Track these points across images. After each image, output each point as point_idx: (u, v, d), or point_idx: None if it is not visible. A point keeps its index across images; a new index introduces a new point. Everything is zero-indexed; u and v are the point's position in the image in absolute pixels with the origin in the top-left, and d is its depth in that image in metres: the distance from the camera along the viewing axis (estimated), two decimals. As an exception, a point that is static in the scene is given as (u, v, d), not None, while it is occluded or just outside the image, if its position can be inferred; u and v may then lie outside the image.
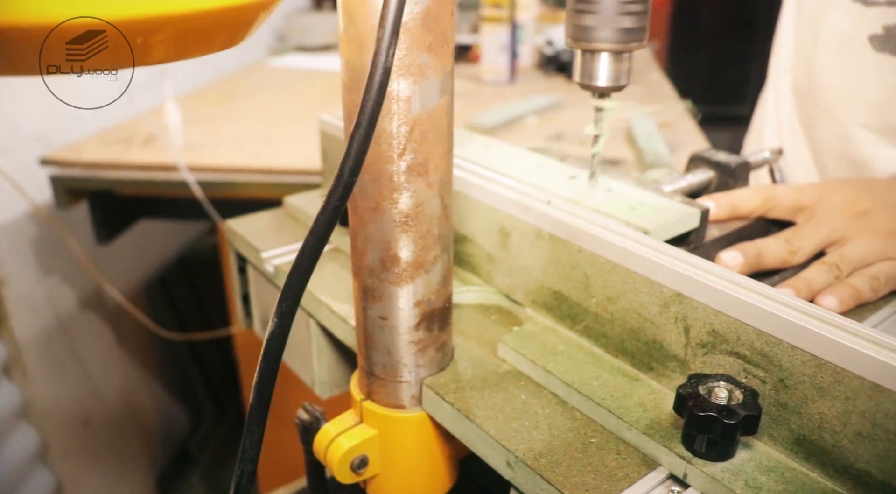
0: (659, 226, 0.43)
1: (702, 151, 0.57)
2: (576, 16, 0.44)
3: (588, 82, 0.46)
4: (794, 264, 0.50)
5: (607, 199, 0.48)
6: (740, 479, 0.32)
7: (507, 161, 0.53)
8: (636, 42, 0.45)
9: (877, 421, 0.30)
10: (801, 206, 0.52)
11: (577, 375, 0.39)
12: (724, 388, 0.34)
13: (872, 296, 0.48)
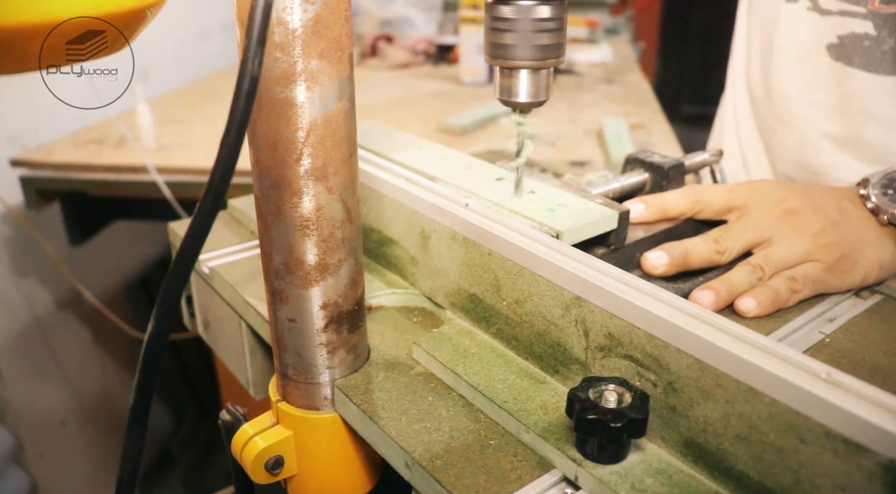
0: (572, 227, 0.44)
1: (637, 153, 0.58)
2: (494, 34, 0.44)
3: (508, 99, 0.46)
4: (721, 263, 0.50)
5: (527, 200, 0.48)
6: (627, 481, 0.33)
7: (438, 164, 0.54)
8: (553, 58, 0.45)
9: (752, 424, 0.30)
10: (731, 206, 0.52)
11: (484, 377, 0.40)
12: (615, 391, 0.34)
13: (792, 297, 0.48)
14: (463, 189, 0.49)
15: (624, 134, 1.06)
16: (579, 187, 0.51)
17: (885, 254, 0.50)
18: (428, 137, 1.13)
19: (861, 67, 0.64)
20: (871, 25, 0.62)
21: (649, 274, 0.49)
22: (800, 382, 0.28)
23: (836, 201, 0.52)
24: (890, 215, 0.50)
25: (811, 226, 0.50)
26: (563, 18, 0.45)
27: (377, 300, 0.48)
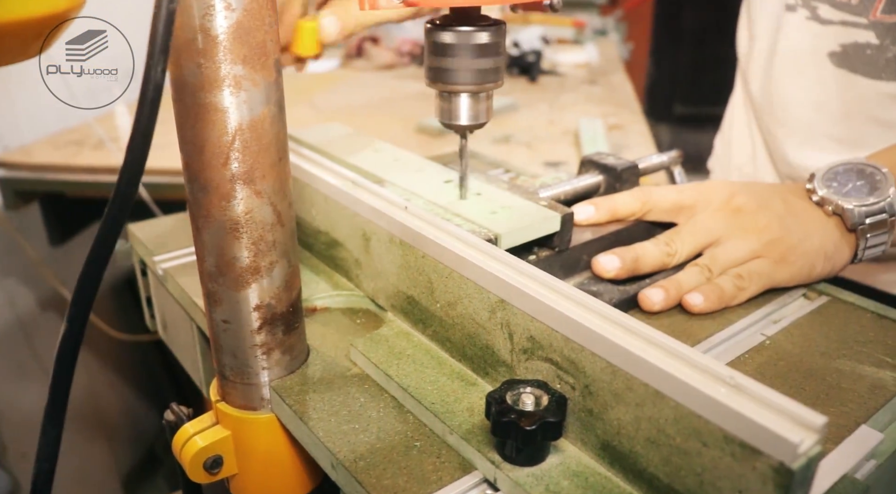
0: (511, 230, 0.44)
1: (591, 155, 0.59)
2: (434, 58, 0.45)
3: (450, 122, 0.47)
4: (672, 266, 0.51)
5: (471, 202, 0.48)
6: (542, 484, 0.33)
7: (390, 166, 0.54)
8: (492, 82, 0.46)
9: (660, 427, 0.31)
10: (680, 207, 0.53)
11: (415, 379, 0.40)
12: (532, 394, 0.34)
13: (739, 294, 0.49)
14: (410, 191, 0.49)
15: (599, 135, 1.07)
16: (528, 190, 0.52)
17: (828, 244, 0.52)
18: (406, 138, 1.13)
19: (865, 75, 0.65)
20: (873, 35, 0.64)
21: (600, 277, 0.49)
22: (701, 386, 0.29)
23: (781, 196, 0.53)
24: (835, 205, 0.51)
25: (757, 223, 0.51)
26: (501, 43, 0.46)
27: (322, 302, 0.49)
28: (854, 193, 0.52)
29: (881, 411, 0.41)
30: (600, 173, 0.56)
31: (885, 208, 0.51)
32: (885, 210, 0.51)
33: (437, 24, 0.44)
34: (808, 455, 0.27)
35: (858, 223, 0.51)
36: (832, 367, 0.44)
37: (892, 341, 0.47)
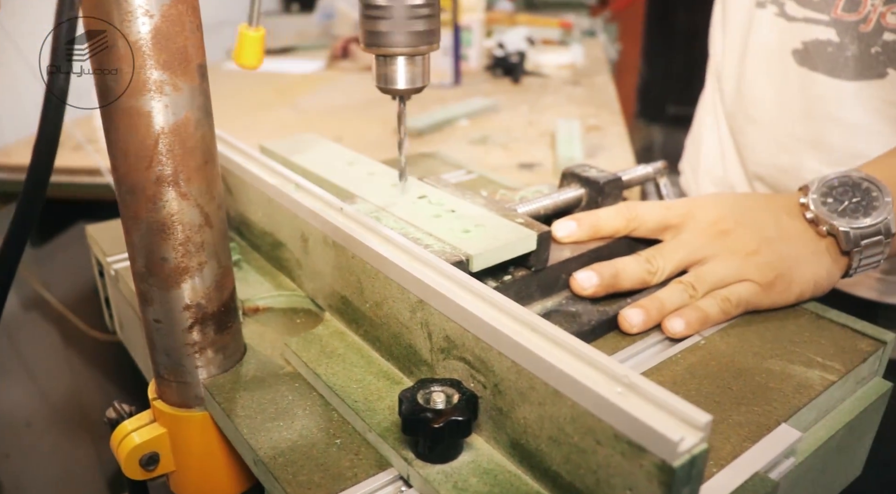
0: (484, 251, 0.43)
1: (573, 167, 0.57)
2: (368, 22, 0.45)
3: (387, 86, 0.47)
4: (653, 284, 0.49)
5: (445, 221, 0.47)
6: (451, 481, 0.34)
7: (364, 180, 0.54)
8: (428, 45, 0.46)
9: (560, 426, 0.31)
10: (667, 225, 0.51)
11: (342, 378, 0.41)
12: (443, 393, 0.35)
13: (722, 318, 0.48)
14: (382, 209, 0.49)
15: (576, 136, 1.07)
16: (504, 206, 0.50)
17: (820, 271, 0.50)
18: (385, 139, 1.14)
19: (825, 72, 0.65)
20: (833, 32, 0.64)
21: (578, 295, 0.48)
22: (593, 385, 0.29)
23: (773, 216, 0.51)
24: (829, 226, 0.50)
25: (746, 245, 0.49)
26: (436, 4, 0.45)
27: (265, 302, 0.50)
28: (850, 212, 0.50)
29: (805, 410, 0.41)
30: (582, 187, 0.55)
31: (881, 229, 0.49)
32: (881, 232, 0.49)
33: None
34: (691, 453, 0.27)
35: (853, 246, 0.49)
36: (763, 367, 0.44)
37: (826, 340, 0.48)
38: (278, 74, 1.53)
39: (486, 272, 0.45)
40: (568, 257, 0.48)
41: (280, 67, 1.57)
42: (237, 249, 0.54)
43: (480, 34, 1.53)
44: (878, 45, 0.61)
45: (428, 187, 0.52)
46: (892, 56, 0.60)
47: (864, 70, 0.62)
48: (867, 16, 0.61)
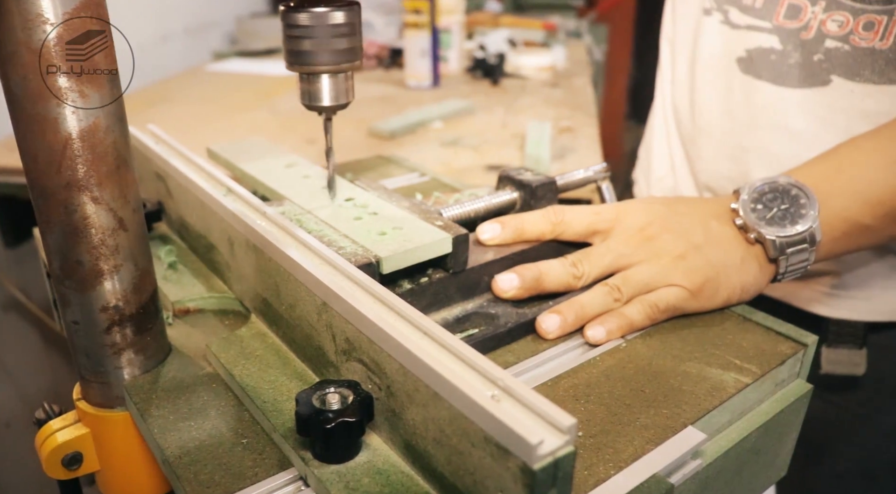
0: (394, 253, 0.43)
1: (508, 170, 0.57)
2: (292, 41, 0.46)
3: (312, 103, 0.48)
4: (578, 288, 0.49)
5: (363, 222, 0.48)
6: (343, 481, 0.34)
7: (297, 183, 0.54)
8: (350, 62, 0.47)
9: (441, 428, 0.32)
10: (595, 229, 0.51)
11: (255, 379, 0.41)
12: (339, 394, 0.35)
13: (648, 323, 0.48)
14: (307, 211, 0.49)
15: (545, 138, 1.07)
16: (429, 209, 0.50)
17: (747, 277, 0.51)
18: (357, 140, 1.15)
19: (769, 80, 0.65)
20: (776, 40, 0.64)
21: (500, 297, 0.48)
22: (466, 389, 0.30)
23: (702, 221, 0.51)
24: (757, 233, 0.50)
25: (673, 250, 0.49)
26: (357, 23, 0.46)
27: (195, 303, 0.50)
28: (778, 219, 0.50)
29: (716, 412, 0.42)
30: (516, 190, 0.55)
31: (806, 238, 0.50)
32: (806, 240, 0.50)
33: (291, 6, 0.45)
34: (554, 456, 0.28)
35: (780, 254, 0.50)
36: (680, 370, 0.45)
37: (748, 343, 0.48)
38: (260, 75, 1.54)
39: (403, 274, 0.45)
40: (490, 259, 0.48)
41: (262, 69, 1.58)
42: (175, 251, 0.55)
43: (460, 36, 1.53)
44: (820, 52, 0.61)
45: (357, 189, 0.53)
46: (835, 63, 0.60)
47: (807, 78, 0.62)
48: (808, 23, 0.61)
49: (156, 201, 0.59)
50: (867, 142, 0.54)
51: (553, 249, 0.52)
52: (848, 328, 0.67)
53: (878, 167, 0.52)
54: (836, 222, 0.52)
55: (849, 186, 0.52)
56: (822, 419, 0.74)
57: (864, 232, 0.53)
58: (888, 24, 0.58)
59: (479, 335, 0.45)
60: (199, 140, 1.16)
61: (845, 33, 0.59)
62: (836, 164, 0.53)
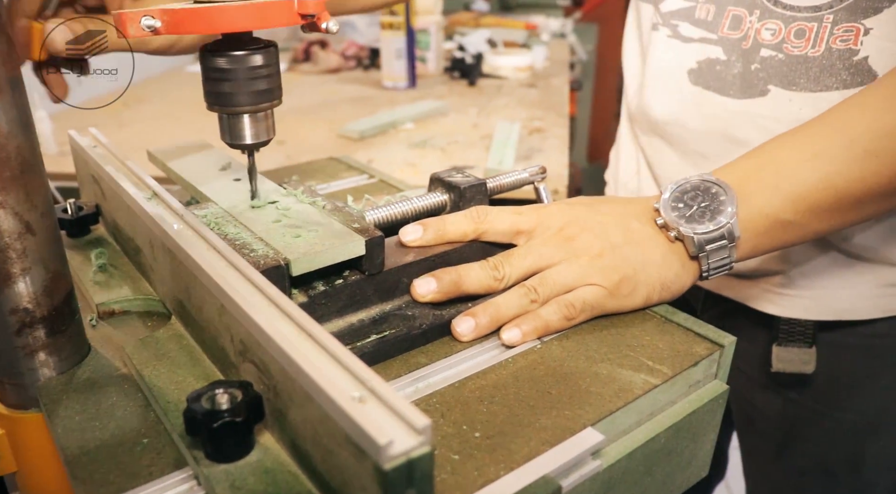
0: (304, 255, 0.43)
1: (440, 172, 0.57)
2: (211, 83, 0.46)
3: (235, 142, 0.49)
4: (500, 290, 0.49)
5: (280, 225, 0.48)
6: (230, 480, 0.35)
7: (226, 187, 0.55)
8: (269, 102, 0.48)
9: (315, 428, 0.32)
10: (517, 230, 0.51)
11: (164, 380, 0.42)
12: (228, 394, 0.36)
13: (565, 324, 0.48)
14: (228, 213, 0.50)
15: (512, 139, 1.08)
16: (350, 212, 0.50)
17: (668, 273, 0.51)
18: (326, 142, 1.16)
19: (716, 91, 0.65)
20: (721, 51, 0.64)
21: (419, 301, 0.48)
22: (330, 390, 0.30)
23: (622, 221, 0.52)
24: (677, 231, 0.51)
25: (590, 249, 0.50)
26: (275, 64, 0.47)
27: (121, 305, 0.51)
28: (697, 217, 0.51)
29: (621, 413, 0.42)
30: (446, 192, 0.55)
31: (724, 234, 0.50)
32: (724, 237, 0.50)
33: (210, 50, 0.46)
34: (408, 457, 0.28)
35: (699, 251, 0.51)
36: (591, 371, 0.45)
37: (664, 344, 0.48)
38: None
39: (318, 275, 0.46)
40: (409, 261, 0.49)
41: (241, 70, 1.59)
42: (105, 254, 0.56)
43: (438, 37, 1.54)
44: (756, 61, 0.61)
45: (283, 192, 0.53)
46: (772, 72, 0.61)
47: (747, 88, 0.62)
48: (747, 32, 0.62)
49: (93, 203, 0.60)
50: (788, 139, 0.54)
51: (477, 251, 0.52)
52: (798, 327, 0.68)
53: (798, 163, 0.52)
54: (758, 218, 0.52)
55: (770, 182, 0.52)
56: (782, 417, 0.75)
57: (787, 228, 0.53)
58: (818, 31, 0.58)
59: (392, 336, 0.45)
60: (169, 140, 1.17)
61: (778, 41, 0.60)
62: (757, 161, 0.54)
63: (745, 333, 0.75)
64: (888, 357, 0.69)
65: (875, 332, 0.67)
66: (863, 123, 0.51)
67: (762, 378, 0.75)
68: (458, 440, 0.39)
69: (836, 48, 0.58)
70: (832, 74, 0.59)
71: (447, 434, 0.39)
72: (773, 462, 0.78)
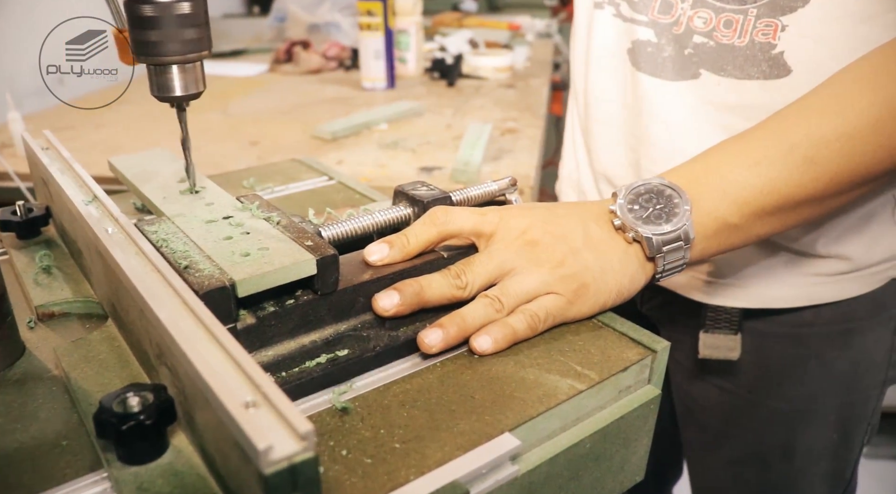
0: (250, 276, 0.42)
1: (405, 185, 0.56)
2: (139, 32, 0.46)
3: (163, 94, 0.48)
4: (464, 298, 0.49)
5: (231, 243, 0.46)
6: (137, 482, 0.35)
7: (168, 186, 0.55)
8: (198, 52, 0.47)
9: (214, 431, 0.33)
10: (480, 232, 0.51)
11: (90, 382, 0.42)
12: (140, 397, 0.36)
13: (530, 333, 0.48)
14: (181, 229, 0.49)
15: (482, 140, 1.08)
16: (305, 228, 0.48)
17: (624, 280, 0.51)
18: (299, 143, 1.16)
19: (647, 72, 0.66)
20: (652, 33, 0.65)
21: (382, 316, 0.47)
22: (221, 396, 0.31)
23: (582, 224, 0.52)
24: (635, 233, 0.51)
25: (552, 256, 0.50)
26: (204, 13, 0.47)
27: (60, 308, 0.52)
28: (653, 218, 0.52)
29: (544, 418, 0.42)
30: (410, 205, 0.54)
31: (680, 235, 0.51)
32: (680, 238, 0.51)
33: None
34: (290, 462, 0.28)
35: (657, 253, 0.51)
36: (518, 376, 0.46)
37: (596, 349, 0.49)
38: (219, 76, 1.56)
39: (269, 295, 0.44)
40: (366, 279, 0.47)
41: (223, 71, 1.60)
42: (50, 256, 0.57)
43: (419, 37, 1.54)
44: (690, 47, 0.63)
45: (239, 205, 0.52)
46: (704, 58, 0.62)
47: (680, 70, 0.64)
48: (679, 18, 0.63)
49: (44, 205, 0.61)
50: (734, 144, 0.55)
51: (434, 267, 0.50)
52: (724, 314, 0.69)
53: (742, 168, 0.53)
54: (707, 220, 0.53)
55: (717, 186, 0.53)
56: (717, 407, 0.76)
57: (733, 231, 0.54)
58: (744, 23, 0.60)
59: (343, 358, 0.44)
60: (146, 143, 1.18)
61: (709, 30, 0.61)
62: (705, 165, 0.55)
63: (680, 323, 0.76)
64: (814, 346, 0.70)
65: (802, 321, 0.69)
66: (801, 131, 0.53)
67: (697, 369, 0.77)
68: (374, 444, 0.39)
69: (759, 41, 0.60)
70: (754, 64, 0.61)
71: (364, 438, 0.40)
72: (711, 452, 0.79)
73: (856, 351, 0.70)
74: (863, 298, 0.67)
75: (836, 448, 0.74)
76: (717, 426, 0.78)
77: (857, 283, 0.67)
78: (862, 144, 0.51)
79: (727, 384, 0.75)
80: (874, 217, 0.65)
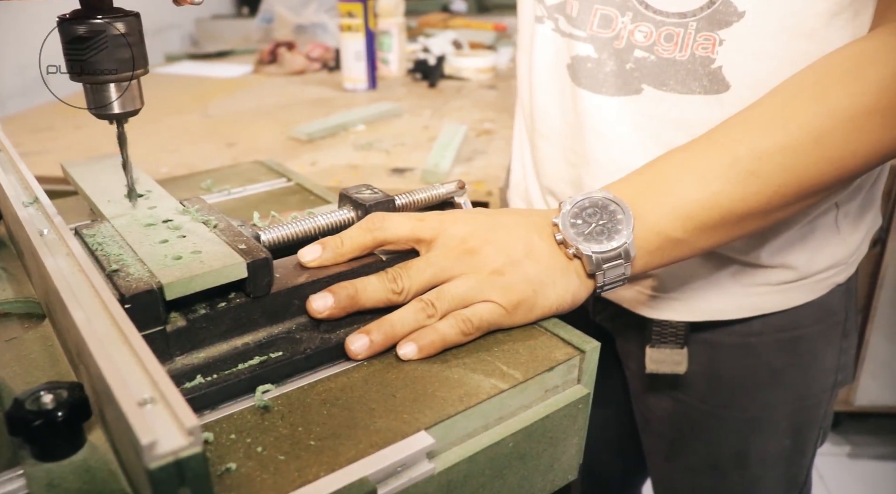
0: (178, 279, 0.42)
1: (349, 189, 0.56)
2: (74, 52, 0.47)
3: (102, 112, 0.49)
4: (400, 302, 0.49)
5: (166, 246, 0.47)
6: (48, 479, 0.36)
7: (113, 190, 0.55)
8: (129, 71, 0.48)
9: (117, 428, 0.34)
10: (418, 237, 0.51)
11: (17, 381, 0.43)
12: (54, 395, 0.37)
13: (462, 339, 0.48)
14: (119, 233, 0.49)
15: (455, 142, 1.09)
16: (242, 232, 0.49)
17: (565, 295, 0.51)
18: (273, 145, 1.17)
19: (588, 88, 0.66)
20: (592, 48, 0.65)
21: (316, 318, 0.47)
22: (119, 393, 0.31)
23: (525, 235, 0.52)
24: (575, 249, 0.51)
25: (491, 265, 0.49)
26: (138, 31, 0.48)
27: (1, 308, 0.53)
28: (595, 235, 0.51)
29: (463, 417, 0.43)
30: (353, 209, 0.54)
31: (621, 253, 0.51)
32: (621, 256, 0.51)
33: (69, 19, 0.46)
34: (176, 457, 0.29)
35: (597, 269, 0.51)
36: (443, 375, 0.46)
37: (525, 349, 0.49)
38: (203, 78, 1.57)
39: (201, 298, 0.45)
40: (301, 282, 0.48)
41: (207, 72, 1.61)
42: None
43: (401, 38, 1.55)
44: (631, 61, 0.62)
45: (181, 210, 0.53)
46: (645, 72, 0.61)
47: (622, 86, 0.63)
48: (619, 33, 0.62)
49: (-4, 207, 0.62)
50: (677, 156, 0.55)
51: (372, 270, 0.51)
52: (669, 329, 0.69)
53: (686, 182, 0.53)
54: (650, 235, 0.53)
55: (661, 201, 0.53)
56: (672, 417, 0.77)
57: (676, 246, 0.54)
58: (684, 37, 0.59)
59: (273, 361, 0.45)
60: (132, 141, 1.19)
61: (650, 44, 0.61)
62: (649, 178, 0.55)
63: (630, 335, 0.76)
64: (764, 355, 0.70)
65: (750, 331, 0.69)
66: (744, 144, 0.52)
67: (650, 380, 0.77)
68: (290, 442, 0.40)
69: (699, 55, 0.59)
70: (696, 78, 0.60)
71: (281, 436, 0.41)
72: (668, 460, 0.80)
73: (805, 357, 0.70)
74: (809, 305, 0.68)
75: (790, 453, 0.75)
76: (672, 435, 0.78)
77: (803, 291, 0.67)
78: (805, 157, 0.51)
79: (680, 395, 0.75)
80: (817, 226, 0.65)
